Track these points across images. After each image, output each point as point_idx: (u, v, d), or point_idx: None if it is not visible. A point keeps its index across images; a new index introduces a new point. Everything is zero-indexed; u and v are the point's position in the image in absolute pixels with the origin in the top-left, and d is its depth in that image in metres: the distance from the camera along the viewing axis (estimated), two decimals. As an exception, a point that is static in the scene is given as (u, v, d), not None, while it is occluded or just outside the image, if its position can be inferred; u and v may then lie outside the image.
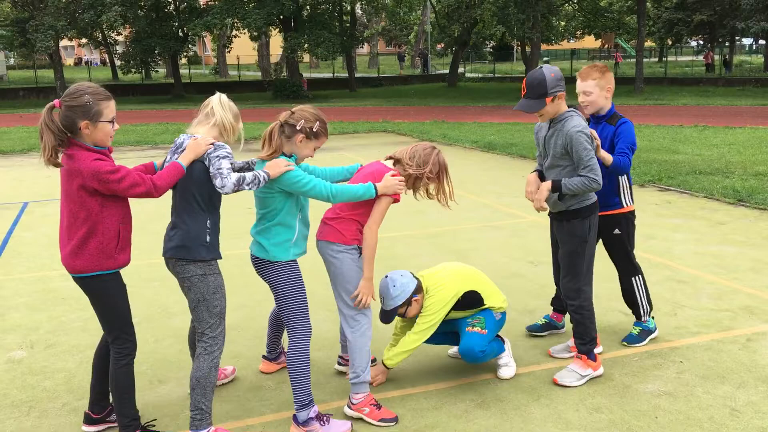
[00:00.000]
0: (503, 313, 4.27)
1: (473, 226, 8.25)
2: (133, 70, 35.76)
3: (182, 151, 3.43)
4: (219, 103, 3.53)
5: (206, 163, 3.37)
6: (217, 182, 3.33)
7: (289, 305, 3.62)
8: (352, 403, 3.81)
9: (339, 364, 4.42)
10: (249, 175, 3.38)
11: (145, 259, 6.46)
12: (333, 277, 3.82)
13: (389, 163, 3.88)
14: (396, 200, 3.78)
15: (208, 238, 3.41)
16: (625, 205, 4.51)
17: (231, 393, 4.15)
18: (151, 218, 7.21)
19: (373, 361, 4.16)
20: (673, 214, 8.59)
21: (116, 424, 3.65)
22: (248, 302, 5.67)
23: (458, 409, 3.91)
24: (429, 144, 3.98)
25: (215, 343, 3.46)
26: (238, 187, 3.34)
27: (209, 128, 3.49)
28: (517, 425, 3.73)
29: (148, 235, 6.61)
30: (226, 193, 3.37)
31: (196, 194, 3.40)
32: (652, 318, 4.77)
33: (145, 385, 4.26)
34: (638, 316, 4.74)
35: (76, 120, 3.19)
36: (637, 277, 4.65)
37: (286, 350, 3.83)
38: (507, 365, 4.30)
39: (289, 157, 3.60)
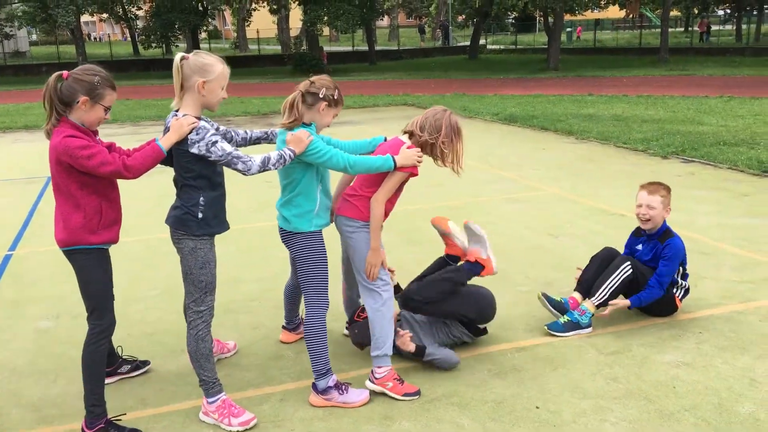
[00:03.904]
0: None
1: (493, 198, 8.23)
2: (154, 44, 35.86)
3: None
4: (174, 66, 3.31)
5: (193, 149, 3.25)
6: (240, 167, 3.29)
7: (308, 276, 3.65)
8: (375, 378, 3.79)
9: (347, 329, 4.49)
10: (274, 155, 3.35)
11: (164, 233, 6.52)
12: (351, 252, 3.84)
13: (406, 138, 3.86)
14: (414, 174, 3.74)
15: (200, 215, 3.37)
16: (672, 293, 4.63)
17: (252, 362, 4.21)
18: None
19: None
20: (697, 185, 8.48)
21: (127, 375, 4.05)
22: (268, 274, 5.72)
23: (476, 379, 3.94)
24: (439, 108, 3.89)
25: (199, 316, 3.47)
26: (263, 168, 3.33)
27: (185, 100, 3.33)
28: (534, 394, 3.75)
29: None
30: (252, 174, 3.37)
31: (183, 175, 3.37)
32: (592, 314, 4.45)
33: (168, 355, 4.34)
34: (586, 296, 4.53)
35: (77, 93, 3.22)
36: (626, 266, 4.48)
37: (304, 320, 3.87)
38: None
39: (309, 126, 3.61)
